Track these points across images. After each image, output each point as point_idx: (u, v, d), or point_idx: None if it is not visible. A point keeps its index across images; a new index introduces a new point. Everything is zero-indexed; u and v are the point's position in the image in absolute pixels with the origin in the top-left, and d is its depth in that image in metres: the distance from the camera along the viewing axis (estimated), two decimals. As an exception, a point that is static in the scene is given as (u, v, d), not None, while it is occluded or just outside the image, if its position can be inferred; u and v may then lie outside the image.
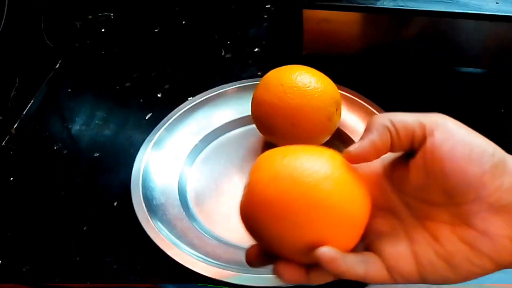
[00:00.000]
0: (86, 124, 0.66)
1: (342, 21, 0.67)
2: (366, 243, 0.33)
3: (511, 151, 0.54)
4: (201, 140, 0.60)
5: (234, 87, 0.64)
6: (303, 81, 0.53)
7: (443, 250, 0.31)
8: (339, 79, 0.57)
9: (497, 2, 0.62)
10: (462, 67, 0.68)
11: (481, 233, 0.30)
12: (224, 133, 0.62)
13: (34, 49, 0.69)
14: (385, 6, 0.63)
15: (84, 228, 0.54)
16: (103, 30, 0.79)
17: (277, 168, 0.31)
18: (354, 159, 0.32)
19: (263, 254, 0.34)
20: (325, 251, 0.30)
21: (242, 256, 0.49)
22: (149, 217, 0.51)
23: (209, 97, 0.63)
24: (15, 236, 0.54)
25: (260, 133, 0.58)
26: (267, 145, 0.60)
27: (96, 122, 0.66)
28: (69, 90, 0.71)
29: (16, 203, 0.58)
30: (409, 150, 0.32)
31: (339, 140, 0.58)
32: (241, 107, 0.62)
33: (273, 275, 0.32)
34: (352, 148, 0.32)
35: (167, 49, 0.76)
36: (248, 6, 0.81)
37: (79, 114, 0.67)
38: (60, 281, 0.50)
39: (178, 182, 0.56)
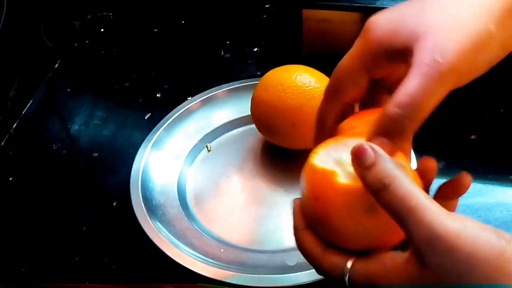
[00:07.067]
0: (85, 124, 0.66)
1: (342, 21, 0.67)
2: None
3: (510, 151, 0.54)
4: (200, 140, 0.60)
5: (233, 87, 0.64)
6: (302, 81, 0.53)
7: None
8: (339, 79, 0.57)
9: (497, 2, 0.62)
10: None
11: None
12: (224, 133, 0.62)
13: (33, 49, 0.69)
14: (384, 6, 0.63)
15: (83, 228, 0.54)
16: (102, 30, 0.79)
17: None
18: None
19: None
20: None
21: (241, 256, 0.50)
22: (148, 217, 0.51)
23: (208, 97, 0.63)
24: (14, 236, 0.54)
25: (259, 133, 0.58)
26: (267, 145, 0.60)
27: (95, 122, 0.66)
28: (68, 90, 0.71)
29: (15, 203, 0.58)
30: None
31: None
32: (240, 107, 0.62)
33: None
34: None
35: (166, 49, 0.76)
36: (248, 6, 0.81)
37: (78, 114, 0.67)
38: (59, 281, 0.50)
39: (177, 182, 0.56)
